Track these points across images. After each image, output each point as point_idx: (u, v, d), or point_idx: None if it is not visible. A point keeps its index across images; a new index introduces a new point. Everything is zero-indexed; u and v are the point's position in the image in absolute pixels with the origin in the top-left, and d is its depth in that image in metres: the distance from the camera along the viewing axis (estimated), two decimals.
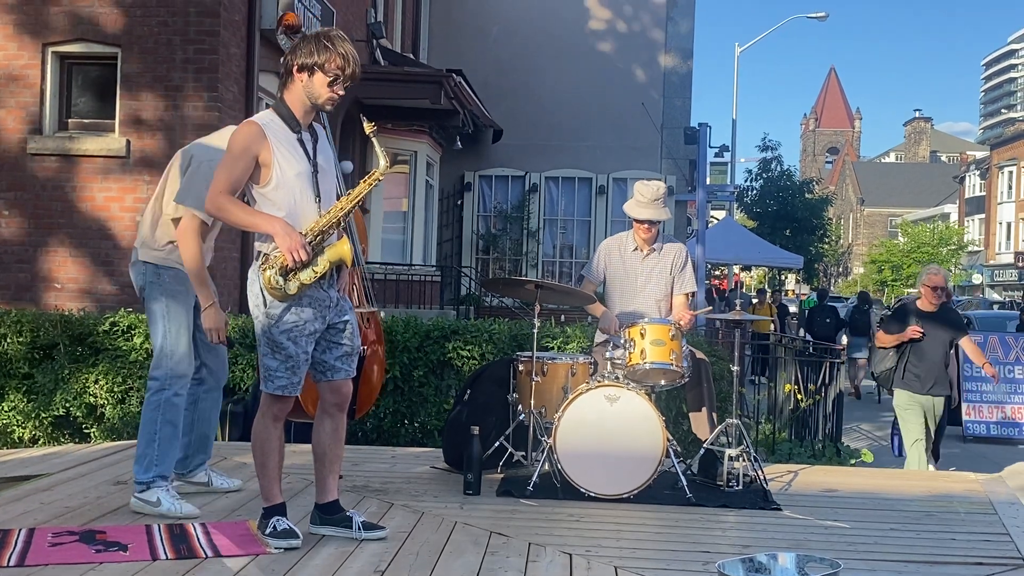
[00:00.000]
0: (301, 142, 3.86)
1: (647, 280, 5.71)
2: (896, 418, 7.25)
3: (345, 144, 13.61)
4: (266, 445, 3.91)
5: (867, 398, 16.42)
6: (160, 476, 4.44)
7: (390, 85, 13.47)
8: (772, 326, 17.48)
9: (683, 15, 18.98)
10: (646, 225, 5.64)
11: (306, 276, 3.75)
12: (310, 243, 3.74)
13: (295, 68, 3.81)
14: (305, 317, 3.82)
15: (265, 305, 3.80)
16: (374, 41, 14.49)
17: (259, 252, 3.83)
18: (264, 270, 3.78)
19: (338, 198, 3.95)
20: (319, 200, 3.86)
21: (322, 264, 3.77)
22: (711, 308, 11.02)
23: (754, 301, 21.79)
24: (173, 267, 4.53)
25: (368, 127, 3.87)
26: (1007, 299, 47.62)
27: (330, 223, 3.80)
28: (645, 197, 5.61)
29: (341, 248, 3.79)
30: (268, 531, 3.87)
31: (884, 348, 7.12)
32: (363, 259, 5.32)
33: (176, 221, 4.44)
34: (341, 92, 3.84)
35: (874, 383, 16.86)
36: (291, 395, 3.89)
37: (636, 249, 5.73)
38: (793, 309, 33.09)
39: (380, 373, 5.35)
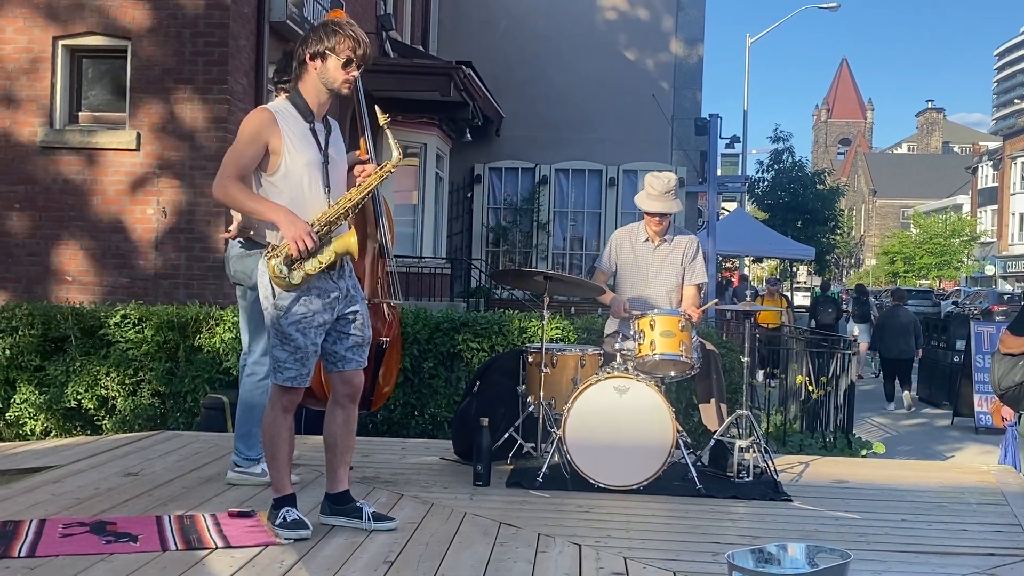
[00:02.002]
0: (313, 132, 3.86)
1: (658, 271, 5.68)
2: (1013, 430, 5.85)
3: (354, 137, 13.58)
4: (276, 436, 3.91)
5: (873, 386, 16.35)
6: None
7: (400, 77, 13.46)
8: (783, 317, 17.16)
9: (693, 5, 18.91)
10: (657, 218, 5.62)
11: (311, 266, 3.74)
12: (317, 233, 3.73)
13: (307, 57, 3.83)
14: (314, 308, 3.82)
15: (274, 296, 3.80)
16: (383, 33, 14.49)
17: (268, 243, 3.84)
18: (270, 259, 3.77)
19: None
20: (328, 190, 3.86)
21: (328, 254, 3.75)
22: (717, 301, 10.98)
23: (761, 294, 21.15)
24: None
25: (382, 118, 3.86)
26: (1020, 290, 47.33)
27: (338, 213, 3.79)
28: (656, 190, 5.58)
29: (348, 239, 3.77)
30: (278, 521, 3.88)
31: (1012, 355, 5.28)
32: (391, 250, 5.36)
33: None
34: (356, 74, 3.85)
35: (878, 374, 16.79)
36: (300, 386, 3.89)
37: (647, 240, 5.70)
38: (801, 300, 32.91)
39: (394, 367, 5.35)
